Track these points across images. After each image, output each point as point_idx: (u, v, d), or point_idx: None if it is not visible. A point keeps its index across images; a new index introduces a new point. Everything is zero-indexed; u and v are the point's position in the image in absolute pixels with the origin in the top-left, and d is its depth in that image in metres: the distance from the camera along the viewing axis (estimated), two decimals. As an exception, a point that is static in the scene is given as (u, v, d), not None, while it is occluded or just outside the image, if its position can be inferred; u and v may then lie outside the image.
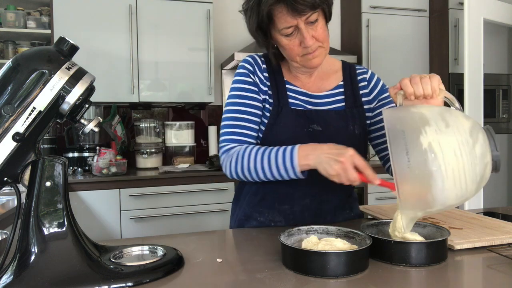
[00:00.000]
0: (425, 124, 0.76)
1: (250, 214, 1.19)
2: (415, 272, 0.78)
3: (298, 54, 1.05)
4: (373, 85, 1.20)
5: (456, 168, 0.74)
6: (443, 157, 0.73)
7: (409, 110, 0.83)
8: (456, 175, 0.74)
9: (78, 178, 2.49)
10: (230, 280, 0.76)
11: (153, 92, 2.83)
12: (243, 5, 1.07)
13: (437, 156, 0.73)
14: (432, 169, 0.74)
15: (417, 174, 0.75)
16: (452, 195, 0.76)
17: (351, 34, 3.38)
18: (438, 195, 0.75)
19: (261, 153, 1.03)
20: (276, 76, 1.15)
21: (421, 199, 0.78)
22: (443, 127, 0.76)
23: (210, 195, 2.64)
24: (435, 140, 0.74)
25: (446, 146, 0.74)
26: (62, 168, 0.76)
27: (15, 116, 0.72)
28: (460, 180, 0.75)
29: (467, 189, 0.76)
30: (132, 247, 0.87)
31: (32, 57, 0.75)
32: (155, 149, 2.94)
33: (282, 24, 1.01)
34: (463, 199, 0.78)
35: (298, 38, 1.02)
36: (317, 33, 1.02)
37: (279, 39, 1.05)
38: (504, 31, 3.38)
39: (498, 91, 3.35)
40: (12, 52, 2.85)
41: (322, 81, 1.18)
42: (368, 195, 2.95)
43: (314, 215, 1.16)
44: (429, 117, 0.78)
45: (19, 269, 0.71)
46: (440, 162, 0.73)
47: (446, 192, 0.75)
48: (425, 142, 0.74)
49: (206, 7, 2.88)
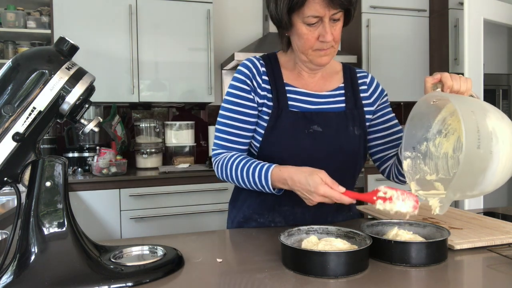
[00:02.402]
0: (486, 111, 0.82)
1: (250, 216, 1.19)
2: (415, 272, 0.78)
3: (312, 47, 1.05)
4: (373, 89, 1.21)
5: (508, 155, 0.79)
6: (503, 143, 0.79)
7: (466, 97, 0.90)
8: (505, 162, 0.80)
9: (78, 178, 2.49)
10: (230, 280, 0.76)
11: (153, 92, 2.83)
12: None
13: (499, 140, 0.78)
14: (493, 151, 0.78)
15: (482, 153, 0.78)
16: (495, 181, 0.81)
17: (351, 34, 3.38)
18: (488, 177, 0.80)
19: (241, 166, 1.08)
20: (276, 79, 1.14)
21: (472, 181, 0.81)
22: (500, 117, 0.82)
23: (210, 195, 2.64)
24: (497, 125, 0.80)
25: (504, 134, 0.80)
26: (62, 168, 0.76)
27: (15, 116, 0.72)
28: (506, 168, 0.80)
29: (505, 178, 0.82)
30: (132, 247, 0.87)
31: (32, 57, 0.75)
32: (155, 149, 2.94)
33: (310, 11, 1.00)
34: (495, 188, 0.84)
35: (318, 31, 1.03)
36: (336, 32, 1.04)
37: (299, 27, 1.04)
38: (504, 31, 3.38)
39: (498, 91, 3.35)
40: (12, 52, 2.85)
41: (325, 82, 1.18)
42: (368, 195, 2.94)
43: (314, 216, 1.16)
44: (487, 107, 0.83)
45: (19, 269, 0.71)
46: (500, 147, 0.78)
47: (493, 177, 0.80)
48: (490, 126, 0.79)
49: (206, 7, 2.88)
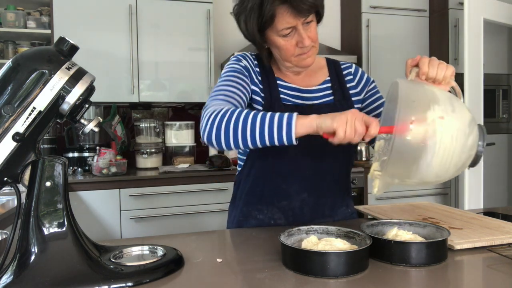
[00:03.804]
0: (435, 102, 0.81)
1: (249, 213, 1.19)
2: (415, 272, 0.78)
3: (293, 54, 1.08)
4: (358, 77, 1.24)
5: (447, 149, 0.79)
6: (441, 136, 0.78)
7: (424, 85, 0.89)
8: (445, 156, 0.79)
9: (78, 178, 2.49)
10: (230, 280, 0.76)
11: (153, 92, 2.83)
12: (236, 8, 1.08)
13: (436, 133, 0.78)
14: (428, 143, 0.78)
15: (413, 144, 0.79)
16: (433, 173, 0.81)
17: (351, 34, 3.38)
18: (422, 168, 0.80)
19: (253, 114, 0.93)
20: (268, 73, 1.18)
21: (406, 169, 0.82)
22: (450, 111, 0.80)
23: (210, 195, 2.64)
24: (439, 119, 0.79)
25: (447, 127, 0.78)
26: (62, 168, 0.76)
27: (15, 116, 0.72)
28: (446, 162, 0.80)
29: (447, 171, 0.82)
30: (132, 247, 0.87)
31: (32, 57, 0.75)
32: (155, 149, 2.94)
33: (282, 24, 1.02)
34: (439, 179, 0.84)
35: (295, 38, 1.05)
36: (312, 33, 1.06)
37: (276, 40, 1.07)
38: (504, 31, 3.38)
39: (498, 91, 3.35)
40: (12, 52, 2.85)
41: (310, 78, 1.21)
42: (368, 195, 2.95)
43: (313, 210, 1.17)
44: (440, 98, 0.82)
45: (19, 269, 0.71)
46: (437, 140, 0.78)
47: (429, 168, 0.79)
48: (430, 117, 0.78)
49: (206, 7, 2.88)
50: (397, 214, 1.17)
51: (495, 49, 3.34)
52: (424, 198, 3.01)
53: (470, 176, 2.73)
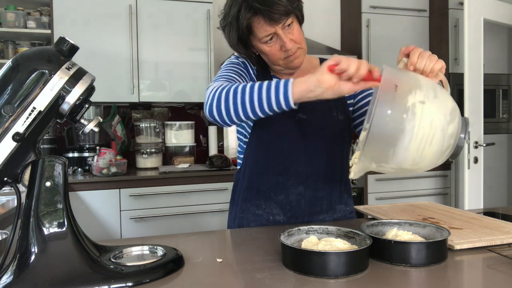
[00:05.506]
0: (417, 87, 0.79)
1: (248, 209, 1.21)
2: (415, 272, 0.78)
3: (280, 58, 1.11)
4: None
5: (426, 135, 0.77)
6: (420, 121, 0.76)
7: (408, 72, 0.89)
8: (422, 141, 0.77)
9: (78, 178, 2.49)
10: (230, 280, 0.76)
11: (153, 92, 2.83)
12: (221, 22, 1.13)
13: (416, 117, 0.76)
14: (406, 127, 0.76)
15: (390, 127, 0.77)
16: (410, 158, 0.79)
17: (351, 34, 3.38)
18: (399, 152, 0.78)
19: (251, 84, 0.94)
20: (264, 71, 1.22)
21: (383, 152, 0.80)
22: (432, 97, 0.79)
23: (210, 195, 2.64)
24: (420, 103, 0.77)
25: (427, 112, 0.77)
26: (62, 168, 0.76)
27: (15, 116, 0.72)
28: (424, 148, 0.78)
29: (424, 159, 0.80)
30: (132, 247, 0.87)
31: (32, 57, 0.75)
32: (155, 149, 2.94)
33: (261, 33, 1.07)
34: (416, 167, 0.82)
35: (278, 43, 1.08)
36: (294, 35, 1.08)
37: (261, 47, 1.11)
38: (504, 31, 3.38)
39: (498, 91, 3.35)
40: (12, 52, 2.85)
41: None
42: (368, 195, 2.95)
43: (310, 204, 1.18)
44: (423, 84, 0.81)
45: (19, 269, 0.71)
46: (415, 124, 0.76)
47: (407, 153, 0.78)
48: (410, 101, 0.77)
49: (206, 7, 2.88)
50: (397, 214, 1.17)
51: (495, 49, 3.34)
52: (424, 198, 3.02)
53: (470, 176, 2.73)
